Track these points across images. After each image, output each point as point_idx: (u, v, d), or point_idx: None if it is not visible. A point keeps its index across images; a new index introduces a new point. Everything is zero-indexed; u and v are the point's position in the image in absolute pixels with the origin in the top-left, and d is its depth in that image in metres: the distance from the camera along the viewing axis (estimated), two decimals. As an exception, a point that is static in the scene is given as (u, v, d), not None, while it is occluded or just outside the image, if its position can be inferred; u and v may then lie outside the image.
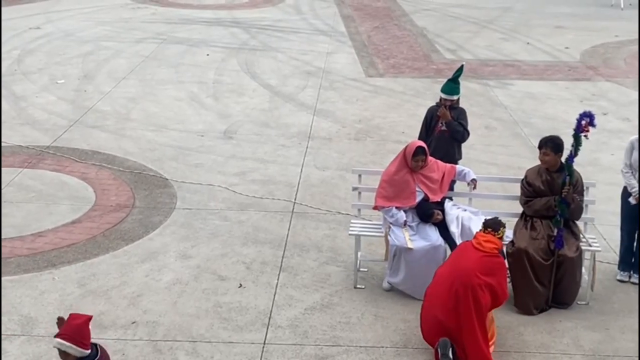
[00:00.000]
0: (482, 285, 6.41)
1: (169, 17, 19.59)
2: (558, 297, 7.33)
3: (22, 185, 9.64)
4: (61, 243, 8.30)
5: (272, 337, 6.83)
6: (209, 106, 12.89)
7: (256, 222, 8.89)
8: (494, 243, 6.60)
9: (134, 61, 15.32)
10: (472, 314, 6.37)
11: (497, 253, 6.61)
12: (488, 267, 6.50)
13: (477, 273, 6.42)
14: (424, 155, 7.56)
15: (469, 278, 6.40)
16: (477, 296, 6.38)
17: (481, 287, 6.40)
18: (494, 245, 6.59)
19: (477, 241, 6.63)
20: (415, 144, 7.62)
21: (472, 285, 6.37)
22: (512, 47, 17.36)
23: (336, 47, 17.05)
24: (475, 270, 6.44)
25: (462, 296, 6.38)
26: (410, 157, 7.51)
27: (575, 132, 7.03)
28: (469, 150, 9.23)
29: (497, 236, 6.63)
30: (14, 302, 7.22)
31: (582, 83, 14.72)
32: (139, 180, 9.86)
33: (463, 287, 6.38)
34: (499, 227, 6.68)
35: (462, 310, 6.38)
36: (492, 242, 6.59)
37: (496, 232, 6.65)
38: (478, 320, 6.39)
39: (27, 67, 14.73)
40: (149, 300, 7.32)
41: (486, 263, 6.51)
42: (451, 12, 21.13)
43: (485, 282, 6.43)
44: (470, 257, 6.54)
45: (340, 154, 10.95)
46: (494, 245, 6.59)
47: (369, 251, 8.11)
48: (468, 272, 6.42)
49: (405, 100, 13.43)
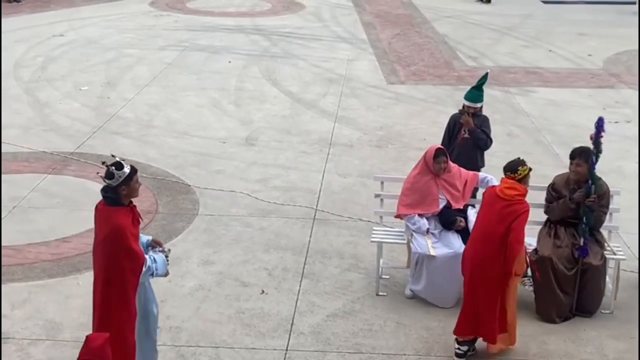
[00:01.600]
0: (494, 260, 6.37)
1: (191, 24, 19.69)
2: (582, 305, 7.29)
3: (47, 191, 9.73)
4: (85, 248, 8.34)
5: (295, 343, 6.84)
6: (231, 113, 12.95)
7: (278, 229, 8.92)
8: (516, 189, 6.44)
9: (157, 68, 15.42)
10: (493, 291, 6.43)
11: (519, 199, 6.42)
12: (508, 219, 6.34)
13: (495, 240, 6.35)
14: (445, 156, 7.59)
15: (482, 267, 6.40)
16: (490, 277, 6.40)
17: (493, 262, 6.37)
18: (515, 192, 6.43)
19: (500, 188, 6.49)
20: (433, 147, 7.65)
21: (484, 270, 6.39)
22: (533, 55, 17.29)
23: (357, 54, 17.07)
24: (496, 224, 6.35)
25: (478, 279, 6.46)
26: (432, 161, 7.51)
27: (595, 139, 6.99)
28: (491, 158, 9.20)
29: (517, 177, 6.46)
30: (39, 307, 7.28)
31: (605, 90, 14.63)
32: (161, 187, 9.92)
33: (479, 272, 6.42)
34: (516, 168, 6.51)
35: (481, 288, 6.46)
36: (513, 188, 6.44)
37: (515, 174, 6.48)
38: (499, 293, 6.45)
39: (51, 74, 14.86)
40: (172, 305, 7.36)
41: (506, 215, 6.35)
42: (472, 20, 21.09)
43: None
44: (493, 209, 6.41)
45: (361, 161, 10.96)
46: (515, 192, 6.43)
47: (391, 258, 8.11)
48: (484, 258, 6.39)
49: (427, 108, 13.42)
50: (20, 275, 7.82)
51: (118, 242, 5.54)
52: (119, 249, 5.54)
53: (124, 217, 5.62)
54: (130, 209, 5.70)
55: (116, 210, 5.62)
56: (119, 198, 5.66)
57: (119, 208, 5.64)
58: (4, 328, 6.95)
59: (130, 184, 5.69)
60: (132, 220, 5.67)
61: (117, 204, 5.65)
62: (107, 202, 5.68)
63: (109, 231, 5.57)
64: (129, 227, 5.60)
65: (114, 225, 5.56)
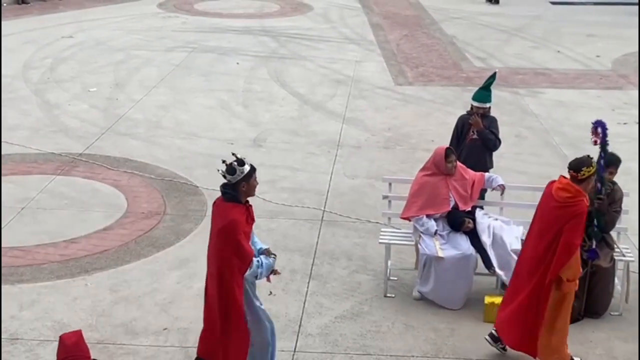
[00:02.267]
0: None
1: (199, 26, 19.72)
2: (590, 307, 7.27)
3: (55, 192, 9.75)
4: (94, 250, 8.38)
5: (303, 345, 6.83)
6: (239, 114, 12.96)
7: (286, 230, 8.91)
8: (568, 191, 6.09)
9: (165, 70, 15.44)
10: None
11: (572, 202, 6.09)
12: (561, 221, 6.10)
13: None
14: (454, 155, 7.64)
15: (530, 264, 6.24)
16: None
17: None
18: (567, 194, 6.09)
19: (555, 187, 6.18)
20: (442, 148, 7.66)
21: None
22: (542, 56, 17.25)
23: (365, 55, 17.06)
24: (548, 224, 6.17)
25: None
26: (444, 161, 7.51)
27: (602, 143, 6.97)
28: (499, 159, 9.19)
29: (579, 177, 6.10)
30: (47, 308, 7.30)
31: (614, 92, 14.59)
32: (170, 188, 9.93)
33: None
34: (580, 167, 6.14)
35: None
36: (566, 189, 6.11)
37: (578, 173, 6.13)
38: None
39: (60, 76, 14.90)
40: (180, 307, 7.36)
41: (559, 217, 6.11)
42: (480, 21, 21.06)
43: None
44: (548, 206, 6.21)
45: (369, 162, 10.95)
46: (567, 195, 6.09)
47: (399, 260, 8.10)
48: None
49: (435, 109, 13.40)
50: (28, 276, 7.84)
51: (229, 236, 5.67)
52: (229, 243, 5.68)
53: (239, 213, 5.75)
54: (245, 207, 5.82)
55: (233, 206, 5.76)
56: (238, 195, 5.80)
57: (236, 204, 5.78)
58: (13, 329, 6.97)
59: (250, 181, 5.83)
60: (247, 218, 5.80)
61: (235, 200, 5.79)
62: (225, 198, 5.80)
63: (223, 225, 5.71)
64: (242, 224, 5.74)
65: (228, 220, 5.70)
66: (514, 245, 7.33)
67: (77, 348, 4.72)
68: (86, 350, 4.76)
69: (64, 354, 4.70)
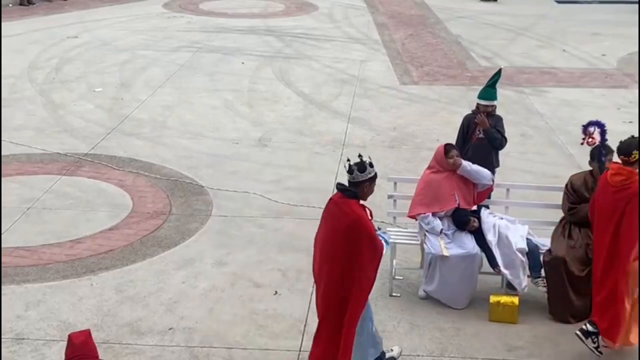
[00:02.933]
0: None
1: (204, 26, 19.73)
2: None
3: (61, 192, 9.77)
4: (99, 249, 8.39)
5: (308, 344, 6.80)
6: (244, 114, 12.96)
7: (292, 230, 8.92)
8: (621, 174, 6.25)
9: (170, 69, 15.46)
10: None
11: (628, 183, 6.19)
12: (620, 205, 6.19)
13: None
14: (455, 149, 7.65)
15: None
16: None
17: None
18: (621, 177, 6.25)
19: (609, 175, 6.28)
20: (441, 146, 7.66)
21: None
22: (548, 55, 17.22)
23: (370, 55, 17.05)
24: (611, 213, 6.23)
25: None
26: (444, 158, 7.52)
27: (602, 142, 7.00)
28: (504, 158, 9.16)
29: (631, 160, 6.24)
30: (52, 308, 7.32)
31: (619, 90, 14.56)
32: (175, 188, 9.94)
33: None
34: (630, 150, 6.29)
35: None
36: (619, 173, 6.27)
37: (628, 157, 6.26)
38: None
39: (65, 76, 14.93)
40: (186, 306, 7.37)
41: (618, 201, 6.19)
42: (486, 20, 21.03)
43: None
44: (607, 197, 6.26)
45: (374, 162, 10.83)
46: (621, 178, 6.25)
47: (404, 259, 8.09)
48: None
49: (440, 108, 13.39)
50: (34, 276, 7.86)
51: (363, 230, 5.73)
52: (364, 236, 5.73)
53: (362, 210, 5.83)
54: (363, 206, 5.89)
55: (356, 203, 5.83)
56: (360, 193, 5.87)
57: (358, 201, 5.84)
58: (19, 329, 6.99)
59: (373, 183, 5.94)
60: (369, 215, 5.88)
61: (356, 197, 5.85)
62: (347, 195, 5.85)
63: (352, 220, 5.75)
64: (368, 218, 5.81)
65: (357, 215, 5.76)
66: (519, 244, 7.31)
67: (86, 347, 4.73)
68: (94, 350, 4.79)
69: (72, 353, 4.72)
